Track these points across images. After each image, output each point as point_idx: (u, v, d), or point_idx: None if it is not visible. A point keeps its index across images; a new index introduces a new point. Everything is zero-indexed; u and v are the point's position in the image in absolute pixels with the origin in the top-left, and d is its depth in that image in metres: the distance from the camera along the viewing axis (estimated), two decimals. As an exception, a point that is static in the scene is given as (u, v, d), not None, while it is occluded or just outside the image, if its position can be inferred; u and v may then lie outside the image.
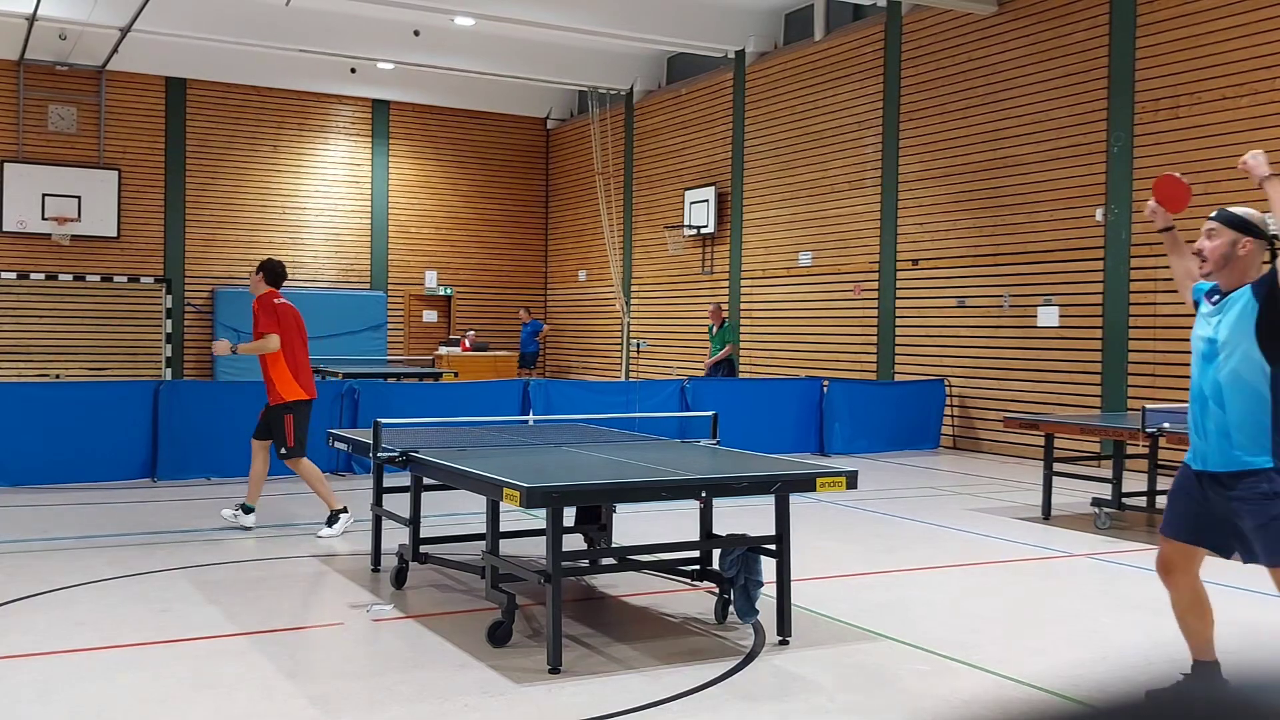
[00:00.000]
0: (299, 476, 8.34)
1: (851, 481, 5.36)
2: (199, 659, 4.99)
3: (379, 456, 6.06)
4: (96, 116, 20.35)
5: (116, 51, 18.72)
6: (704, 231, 19.09)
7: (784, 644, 5.27)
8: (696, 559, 5.90)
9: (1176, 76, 11.92)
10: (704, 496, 5.46)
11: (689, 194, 19.51)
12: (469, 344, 21.54)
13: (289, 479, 10.54)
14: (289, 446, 8.13)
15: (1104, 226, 12.64)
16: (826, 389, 13.58)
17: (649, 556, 5.84)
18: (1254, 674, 0.80)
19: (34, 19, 16.89)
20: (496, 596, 5.29)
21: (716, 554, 5.80)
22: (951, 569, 7.26)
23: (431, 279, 23.39)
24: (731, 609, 5.54)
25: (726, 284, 18.84)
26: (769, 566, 5.39)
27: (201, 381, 18.54)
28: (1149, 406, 8.52)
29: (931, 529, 8.59)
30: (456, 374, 16.69)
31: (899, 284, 15.46)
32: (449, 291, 23.55)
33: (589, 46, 20.11)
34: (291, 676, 4.77)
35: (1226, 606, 6.34)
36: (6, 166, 19.59)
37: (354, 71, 21.35)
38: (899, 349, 15.48)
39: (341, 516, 7.99)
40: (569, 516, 6.21)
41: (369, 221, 22.75)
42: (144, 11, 16.29)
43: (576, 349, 23.41)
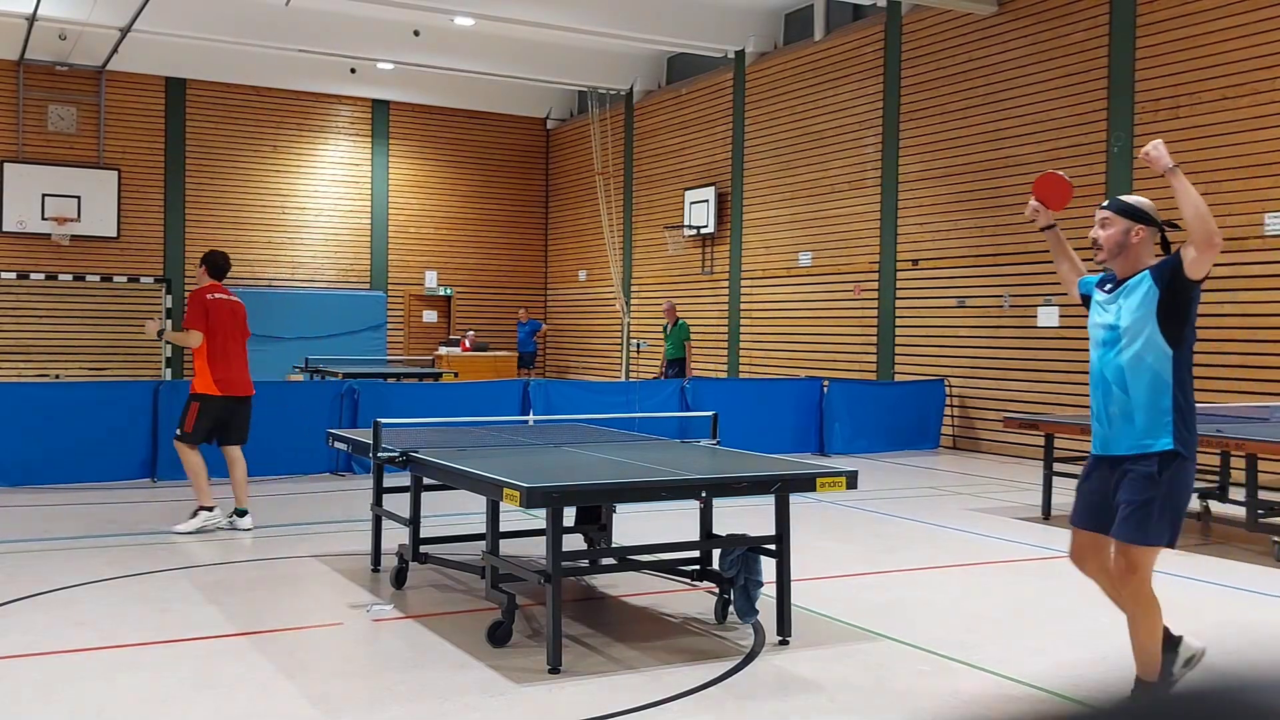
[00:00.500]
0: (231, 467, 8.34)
1: (851, 481, 5.36)
2: (199, 659, 4.99)
3: (379, 456, 6.05)
4: (96, 116, 20.35)
5: (116, 51, 18.72)
6: (704, 231, 19.09)
7: (784, 644, 5.27)
8: (696, 559, 5.90)
9: (1176, 76, 11.92)
10: (704, 496, 5.46)
11: (689, 194, 19.51)
12: (469, 344, 21.54)
13: (289, 479, 10.55)
14: (184, 431, 8.19)
15: (1104, 226, 12.63)
16: (826, 389, 13.58)
17: (649, 556, 5.84)
18: (1254, 674, 0.80)
19: (34, 19, 16.89)
20: (496, 596, 5.29)
21: (716, 554, 5.80)
22: (951, 569, 7.26)
23: (431, 279, 23.39)
24: (731, 609, 5.54)
25: (726, 284, 18.84)
26: (769, 566, 5.39)
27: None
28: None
29: (931, 529, 8.58)
30: (456, 374, 16.68)
31: (899, 284, 15.45)
32: (449, 291, 23.55)
33: (589, 46, 20.11)
34: (291, 676, 4.77)
35: (1226, 606, 6.35)
36: (6, 166, 19.59)
37: (354, 71, 21.35)
38: (899, 349, 15.47)
39: (202, 514, 8.00)
40: (569, 516, 6.21)
41: (369, 221, 22.75)
42: (144, 11, 16.30)
43: (576, 349, 23.41)
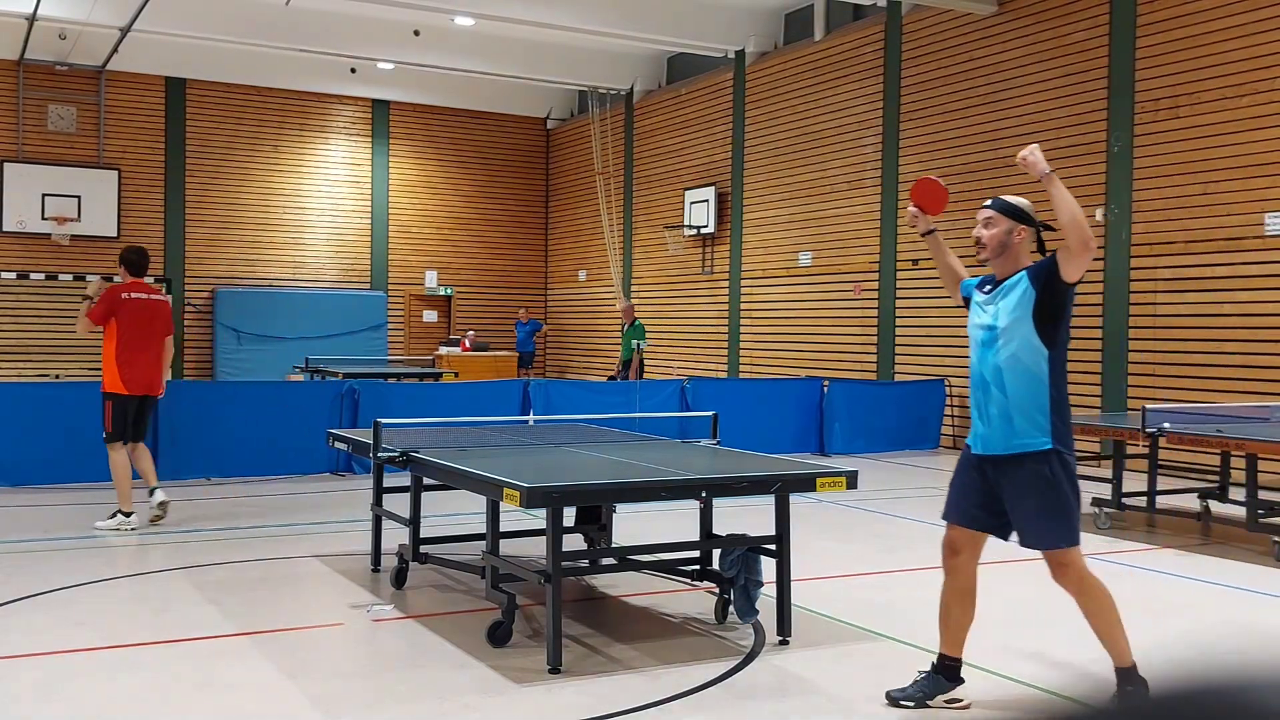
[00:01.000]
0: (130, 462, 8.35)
1: (851, 481, 5.36)
2: (199, 659, 4.99)
3: (379, 456, 6.05)
4: (96, 116, 20.35)
5: (116, 51, 18.72)
6: (704, 231, 19.09)
7: (784, 644, 5.27)
8: (696, 559, 5.89)
9: (1176, 76, 11.92)
10: (704, 496, 5.46)
11: (689, 194, 19.51)
12: (469, 344, 21.54)
13: (289, 479, 10.55)
14: (107, 432, 8.27)
15: (1104, 226, 12.64)
16: (826, 389, 13.58)
17: (649, 556, 5.84)
18: (1254, 674, 0.80)
19: (34, 19, 16.89)
20: (496, 596, 5.29)
21: (716, 554, 5.79)
22: (951, 569, 7.25)
23: (431, 279, 23.39)
24: (731, 609, 5.54)
25: (726, 284, 18.84)
26: (769, 566, 5.39)
27: (201, 381, 18.54)
28: (1149, 406, 8.52)
29: (931, 529, 8.56)
30: (456, 374, 16.68)
31: (899, 284, 15.45)
32: (449, 291, 23.55)
33: (589, 46, 20.11)
34: (291, 676, 4.76)
35: (1226, 606, 6.35)
36: (6, 166, 19.59)
37: (354, 71, 21.35)
38: (899, 349, 15.47)
39: (121, 517, 8.03)
40: (569, 516, 6.21)
41: (369, 221, 22.75)
42: (144, 11, 16.29)
43: (576, 349, 23.41)
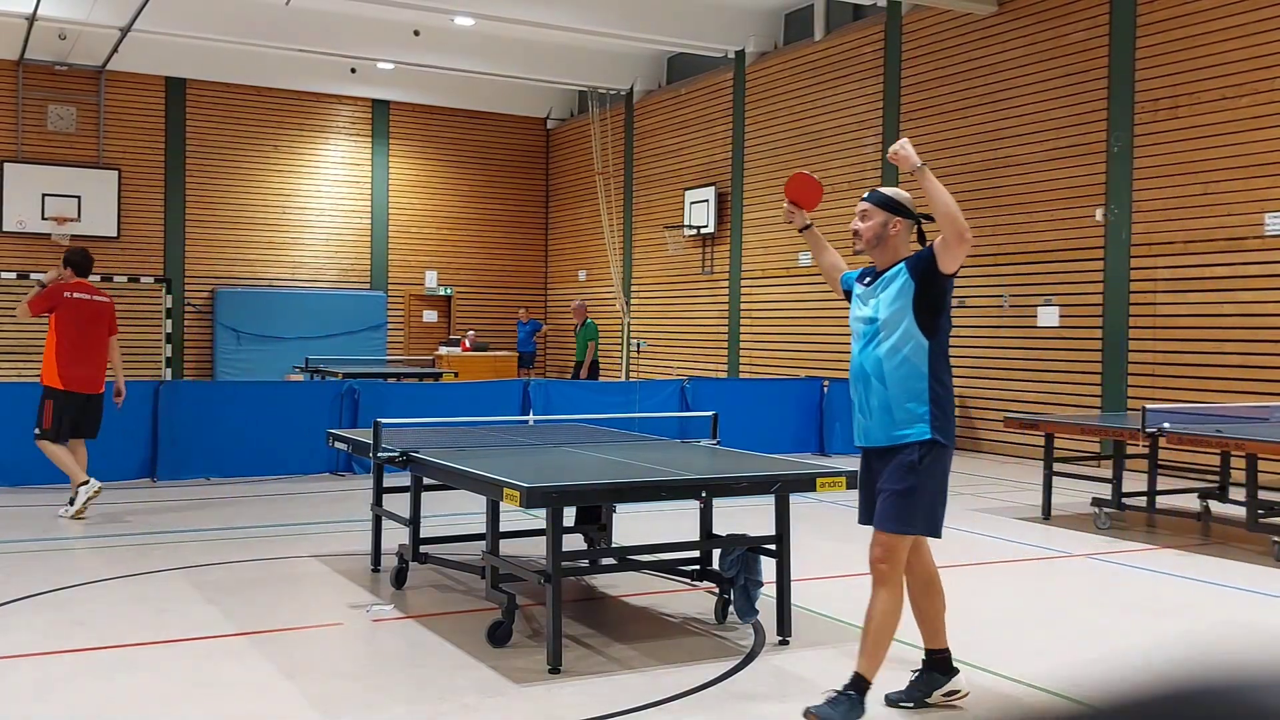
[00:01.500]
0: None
1: (851, 481, 5.34)
2: (198, 659, 4.99)
3: (379, 456, 6.05)
4: (96, 116, 20.35)
5: (116, 51, 18.72)
6: (704, 231, 19.09)
7: (784, 644, 5.27)
8: (696, 559, 5.89)
9: (1176, 76, 11.92)
10: (704, 496, 5.46)
11: (689, 194, 19.51)
12: (469, 344, 21.53)
13: (289, 479, 10.55)
14: (43, 429, 8.39)
15: (1104, 226, 12.64)
16: (826, 389, 13.58)
17: (649, 556, 5.83)
18: (1254, 674, 0.80)
19: (34, 19, 16.89)
20: (496, 596, 5.28)
21: (716, 554, 5.79)
22: (951, 569, 7.23)
23: (431, 279, 23.39)
24: (731, 609, 5.54)
25: (726, 284, 18.84)
26: (769, 566, 5.39)
27: (201, 381, 18.55)
28: (1149, 406, 8.51)
29: (931, 529, 8.57)
30: (456, 374, 16.68)
31: (899, 284, 15.43)
32: (449, 291, 23.55)
33: (589, 46, 20.11)
34: (291, 676, 4.76)
35: (1226, 606, 6.34)
36: (6, 166, 19.59)
37: (354, 71, 21.35)
38: (899, 349, 15.45)
39: (81, 490, 8.26)
40: (569, 516, 6.21)
41: (369, 221, 22.75)
42: (144, 11, 16.29)
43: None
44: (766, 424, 12.72)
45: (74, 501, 8.29)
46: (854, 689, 4.22)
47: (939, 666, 4.50)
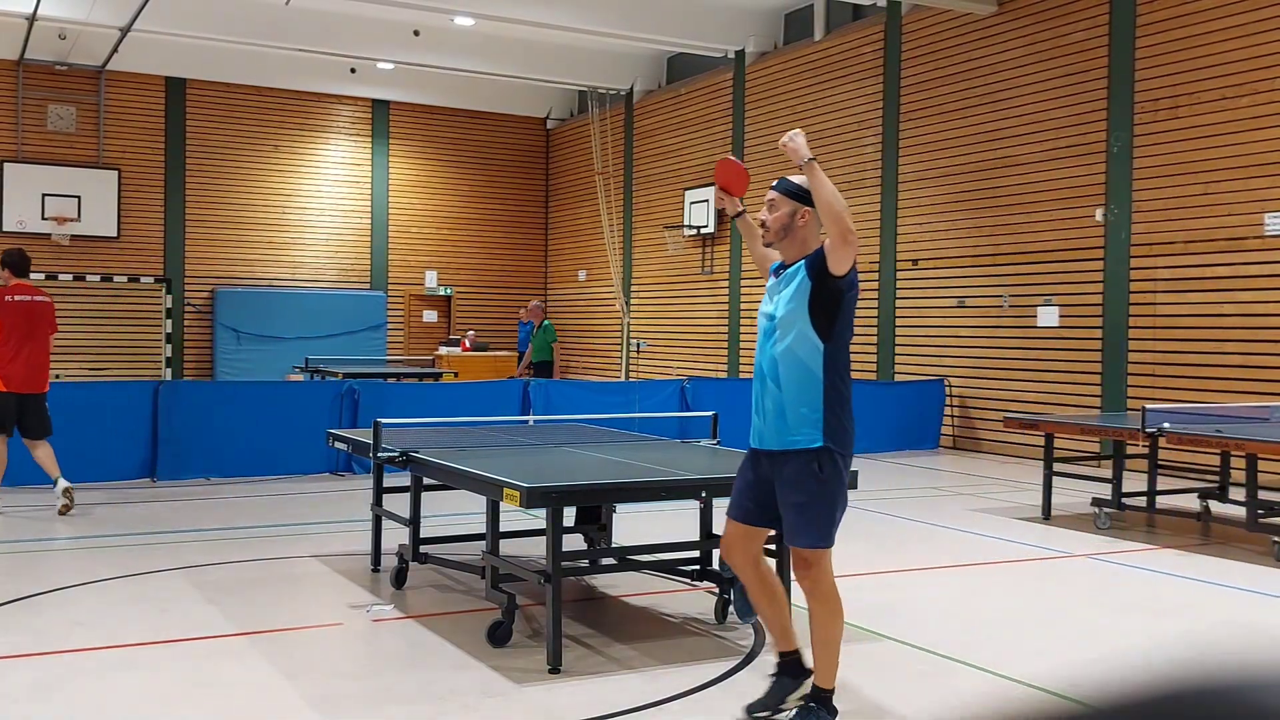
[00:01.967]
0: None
1: (852, 482, 5.35)
2: (198, 659, 4.99)
3: (379, 456, 6.05)
4: (96, 116, 20.34)
5: (116, 51, 18.72)
6: (704, 231, 19.09)
7: (784, 644, 5.27)
8: (696, 559, 5.89)
9: (1176, 76, 11.92)
10: (704, 496, 5.46)
11: (689, 194, 19.51)
12: (469, 344, 21.53)
13: (289, 479, 10.54)
14: None
15: (1104, 226, 12.64)
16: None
17: (649, 556, 5.84)
18: (1254, 674, 0.80)
19: (34, 19, 16.89)
20: (496, 596, 5.28)
21: (716, 554, 5.79)
22: (951, 569, 7.26)
23: (431, 279, 23.39)
24: (731, 609, 5.54)
25: (726, 284, 18.84)
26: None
27: (201, 381, 18.55)
28: (1149, 406, 8.52)
29: (932, 529, 8.58)
30: (456, 374, 16.68)
31: (899, 284, 15.45)
32: (449, 291, 23.55)
33: (589, 46, 20.11)
34: (291, 676, 4.76)
35: (1226, 606, 6.34)
36: (6, 166, 19.59)
37: (354, 71, 21.34)
38: (899, 349, 15.47)
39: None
40: (569, 516, 6.21)
41: (369, 221, 22.74)
42: (144, 11, 16.29)
43: (576, 349, 23.40)
44: (766, 424, 12.68)
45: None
46: (814, 700, 4.16)
47: (790, 670, 4.34)
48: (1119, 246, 12.48)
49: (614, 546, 6.32)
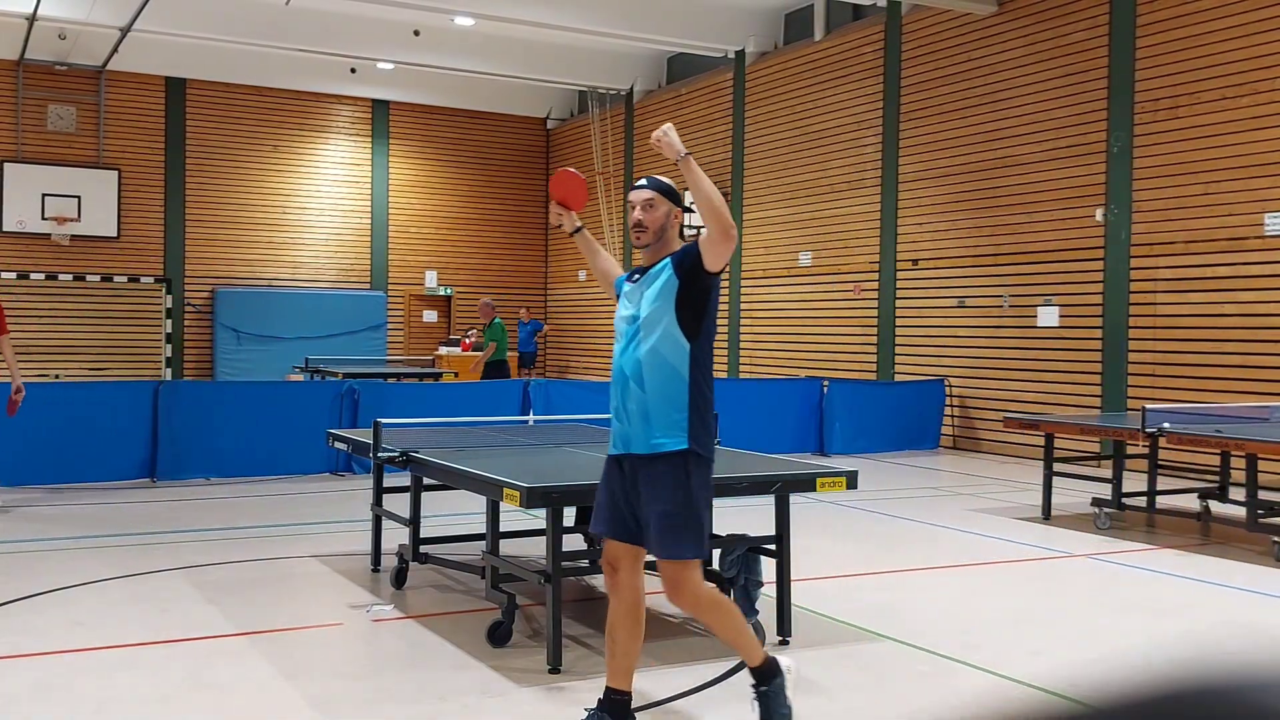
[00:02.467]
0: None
1: (851, 481, 5.36)
2: (198, 659, 4.99)
3: (379, 456, 6.05)
4: (96, 116, 20.35)
5: (116, 51, 18.72)
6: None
7: (784, 644, 5.27)
8: (696, 559, 5.88)
9: (1176, 76, 11.92)
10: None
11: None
12: (469, 344, 21.53)
13: (289, 479, 10.55)
14: None
15: (1104, 226, 12.64)
16: (826, 389, 13.58)
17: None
18: (1254, 674, 0.80)
19: (34, 19, 16.89)
20: (496, 596, 5.28)
21: (716, 554, 5.79)
22: (951, 569, 7.26)
23: (431, 279, 23.39)
24: (731, 609, 5.53)
25: (726, 284, 18.84)
26: (769, 566, 5.39)
27: (201, 382, 18.55)
28: (1149, 406, 8.52)
29: (931, 529, 8.58)
30: (456, 374, 16.68)
31: (899, 284, 15.45)
32: (449, 291, 23.55)
33: (589, 46, 20.11)
34: (291, 676, 4.76)
35: (1226, 606, 6.34)
36: (6, 166, 19.59)
37: (354, 71, 21.35)
38: (899, 349, 15.47)
39: None
40: (569, 516, 6.21)
41: (369, 221, 22.74)
42: (144, 11, 16.30)
43: (576, 349, 23.40)
44: (766, 424, 12.71)
45: None
46: (761, 682, 4.04)
47: (614, 709, 4.03)
48: (1119, 246, 12.48)
49: (614, 546, 6.31)
